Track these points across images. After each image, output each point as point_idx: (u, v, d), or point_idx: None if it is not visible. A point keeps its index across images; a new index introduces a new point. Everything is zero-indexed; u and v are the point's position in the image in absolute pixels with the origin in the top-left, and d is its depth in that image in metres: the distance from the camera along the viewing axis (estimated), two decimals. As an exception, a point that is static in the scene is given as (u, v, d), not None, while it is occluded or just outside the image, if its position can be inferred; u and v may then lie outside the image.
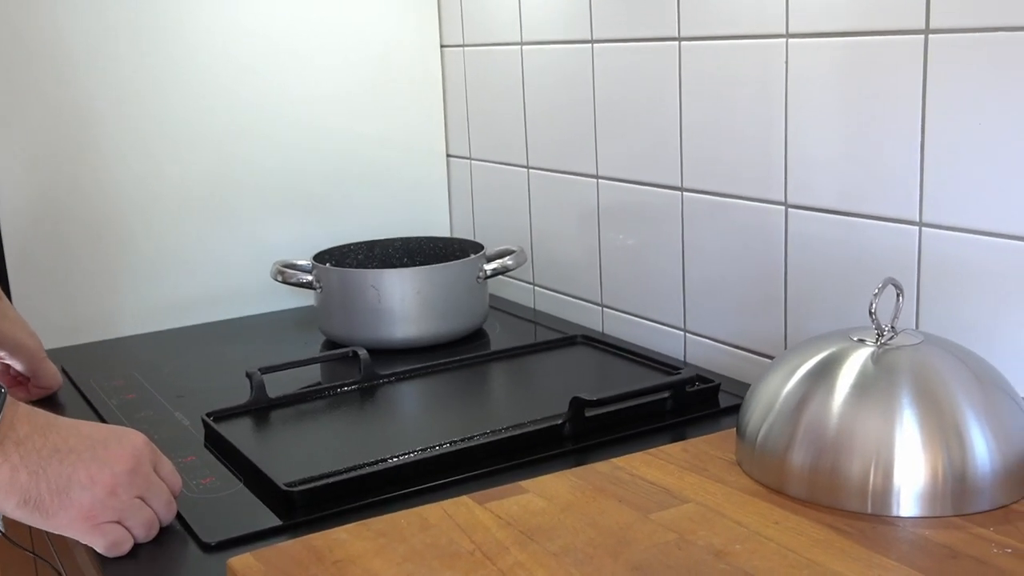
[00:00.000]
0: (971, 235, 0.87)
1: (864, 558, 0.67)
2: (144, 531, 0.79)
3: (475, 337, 1.31)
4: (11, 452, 0.73)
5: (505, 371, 1.19)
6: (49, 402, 1.13)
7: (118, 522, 0.78)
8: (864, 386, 0.76)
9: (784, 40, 1.00)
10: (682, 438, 0.95)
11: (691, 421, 1.00)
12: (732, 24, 1.06)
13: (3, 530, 0.97)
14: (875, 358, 0.77)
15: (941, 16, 0.86)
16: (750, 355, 1.11)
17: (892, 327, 0.80)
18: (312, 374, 1.18)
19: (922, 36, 0.88)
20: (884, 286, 0.79)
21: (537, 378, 1.18)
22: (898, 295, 0.80)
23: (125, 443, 0.79)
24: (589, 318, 1.35)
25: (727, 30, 1.07)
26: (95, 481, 0.76)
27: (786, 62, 1.01)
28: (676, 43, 1.13)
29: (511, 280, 1.48)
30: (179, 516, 0.83)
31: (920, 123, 0.89)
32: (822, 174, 1.00)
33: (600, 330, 1.32)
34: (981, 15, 0.83)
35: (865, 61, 0.93)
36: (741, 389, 1.05)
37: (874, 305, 0.79)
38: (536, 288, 1.45)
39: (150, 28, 1.35)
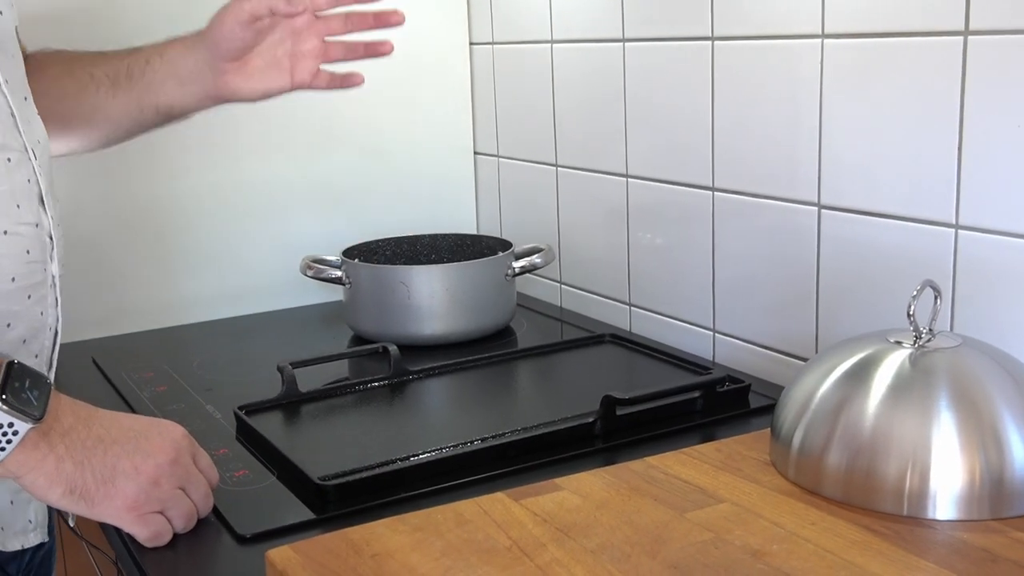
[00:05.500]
0: (1009, 238, 0.87)
1: (902, 560, 0.67)
2: (184, 522, 0.80)
3: (502, 334, 1.32)
4: (56, 443, 0.74)
5: (534, 369, 1.19)
6: (82, 393, 1.13)
7: (160, 512, 0.78)
8: (901, 388, 0.76)
9: (820, 40, 1.00)
10: (712, 438, 0.95)
11: (721, 421, 1.00)
12: (766, 24, 1.06)
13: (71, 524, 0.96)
14: (913, 360, 0.77)
15: (981, 17, 0.86)
16: (780, 356, 1.11)
17: (930, 329, 0.79)
18: (340, 369, 1.18)
19: (961, 37, 0.87)
20: (922, 288, 0.79)
21: (566, 376, 1.18)
22: (936, 298, 0.80)
23: (165, 435, 0.80)
24: (616, 317, 1.35)
25: (761, 30, 1.07)
26: (139, 471, 0.77)
27: (821, 62, 1.00)
28: (709, 43, 1.13)
29: (537, 278, 1.48)
30: (214, 508, 0.84)
31: (958, 125, 0.89)
32: (856, 175, 0.99)
33: (628, 329, 1.32)
34: (1022, 16, 0.83)
35: (903, 62, 0.93)
36: (770, 390, 1.05)
37: (912, 307, 0.78)
38: (563, 286, 1.45)
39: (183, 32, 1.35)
